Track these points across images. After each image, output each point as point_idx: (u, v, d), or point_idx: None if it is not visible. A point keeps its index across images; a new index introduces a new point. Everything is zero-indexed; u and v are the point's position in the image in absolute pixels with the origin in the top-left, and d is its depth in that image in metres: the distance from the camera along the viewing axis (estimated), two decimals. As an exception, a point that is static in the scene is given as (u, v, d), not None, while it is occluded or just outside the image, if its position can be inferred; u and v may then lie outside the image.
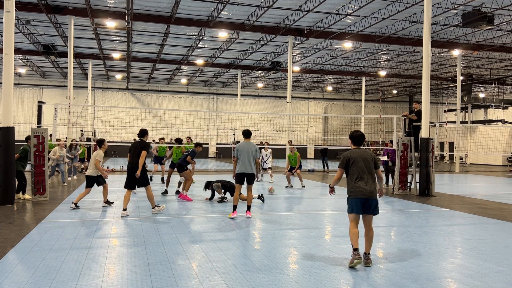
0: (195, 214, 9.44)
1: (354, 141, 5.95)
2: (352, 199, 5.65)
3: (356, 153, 5.81)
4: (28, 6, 19.69)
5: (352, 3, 19.35)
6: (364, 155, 5.79)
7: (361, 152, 5.82)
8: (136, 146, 9.14)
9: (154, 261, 5.71)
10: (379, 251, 6.48)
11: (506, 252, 6.49)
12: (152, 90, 42.86)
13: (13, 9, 10.90)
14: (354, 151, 5.86)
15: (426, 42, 13.99)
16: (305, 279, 5.07)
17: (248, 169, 8.99)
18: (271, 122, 41.76)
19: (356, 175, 5.66)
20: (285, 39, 24.89)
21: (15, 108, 36.76)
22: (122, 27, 22.07)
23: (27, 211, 9.57)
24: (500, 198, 13.42)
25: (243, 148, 9.07)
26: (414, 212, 10.34)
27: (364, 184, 5.61)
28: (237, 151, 9.13)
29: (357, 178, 5.66)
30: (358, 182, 5.63)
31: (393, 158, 15.03)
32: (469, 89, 37.09)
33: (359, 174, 5.65)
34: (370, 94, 47.71)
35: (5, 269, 5.26)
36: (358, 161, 5.71)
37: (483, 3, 18.83)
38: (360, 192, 5.58)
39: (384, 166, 15.90)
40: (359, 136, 5.94)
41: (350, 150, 5.89)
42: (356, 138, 5.94)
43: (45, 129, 11.52)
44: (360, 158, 5.73)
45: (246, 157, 9.02)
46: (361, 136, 5.95)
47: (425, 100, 14.06)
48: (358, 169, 5.68)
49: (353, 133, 5.98)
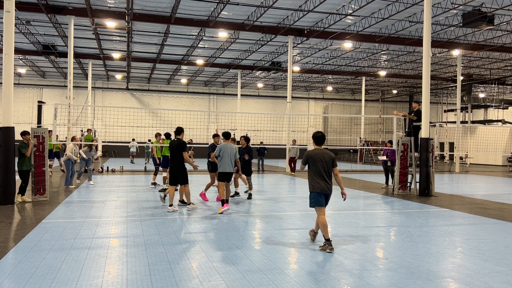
0: (195, 214, 9.44)
1: (316, 142, 6.69)
2: (315, 193, 6.49)
3: (317, 153, 6.55)
4: (28, 6, 19.69)
5: (352, 3, 19.34)
6: (323, 156, 6.53)
7: (321, 152, 6.55)
8: (174, 147, 9.78)
9: (154, 261, 5.71)
10: (379, 251, 6.48)
11: (506, 252, 6.49)
12: (152, 90, 42.85)
13: (13, 9, 10.90)
14: (315, 151, 6.61)
15: (426, 42, 13.99)
16: (305, 279, 5.07)
17: (228, 169, 9.87)
18: (271, 122, 41.76)
19: (317, 174, 6.50)
20: (285, 39, 24.89)
21: (15, 108, 36.75)
22: (122, 27, 22.07)
23: (27, 211, 9.57)
24: (500, 198, 13.42)
25: (225, 149, 9.86)
26: (414, 212, 10.34)
27: (323, 182, 6.47)
28: (219, 151, 9.90)
29: (317, 176, 6.49)
30: (318, 180, 6.48)
31: (392, 158, 15.03)
32: (469, 89, 37.08)
33: (319, 173, 6.48)
34: (370, 94, 47.70)
35: (5, 269, 5.26)
36: (317, 161, 6.49)
37: (483, 3, 18.82)
38: (320, 188, 6.46)
39: (384, 166, 15.90)
40: (320, 137, 6.65)
41: (312, 149, 6.65)
42: (317, 138, 6.66)
43: (45, 129, 11.52)
44: (319, 159, 6.50)
45: (227, 158, 9.83)
46: (322, 137, 6.66)
47: (425, 100, 14.06)
48: (317, 169, 6.50)
49: (315, 134, 6.70)
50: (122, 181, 16.77)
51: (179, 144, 9.78)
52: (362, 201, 12.29)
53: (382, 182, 16.93)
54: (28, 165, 10.94)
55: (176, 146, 9.75)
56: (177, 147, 9.74)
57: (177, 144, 9.77)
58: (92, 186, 14.70)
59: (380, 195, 13.60)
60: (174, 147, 9.81)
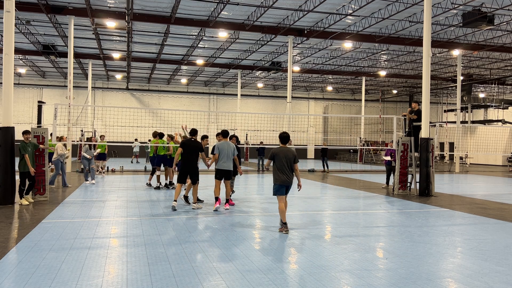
0: (195, 214, 9.44)
1: (281, 141, 7.90)
2: (278, 185, 7.68)
3: (282, 151, 7.72)
4: (28, 6, 19.68)
5: (352, 3, 19.34)
6: (287, 153, 7.72)
7: (285, 150, 7.75)
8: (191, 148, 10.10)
9: (154, 261, 5.71)
10: (379, 251, 6.48)
11: (506, 252, 6.49)
12: (152, 90, 42.84)
13: (13, 9, 10.90)
14: (280, 148, 7.78)
15: (426, 42, 13.99)
16: (305, 279, 5.07)
17: (228, 167, 9.94)
18: (271, 122, 41.75)
19: (280, 168, 7.64)
20: (285, 39, 24.88)
21: (15, 108, 36.74)
22: (122, 27, 22.07)
23: (27, 211, 9.57)
24: (500, 198, 13.42)
25: (223, 147, 9.91)
26: (414, 212, 10.34)
27: (284, 175, 7.63)
28: (217, 149, 9.93)
29: (280, 170, 7.64)
30: (280, 173, 7.64)
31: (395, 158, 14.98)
32: (469, 89, 37.07)
33: (281, 168, 7.63)
34: (370, 94, 47.69)
35: (5, 269, 5.26)
36: (281, 158, 7.66)
37: (483, 3, 18.82)
38: (281, 180, 7.63)
39: (387, 166, 15.84)
40: (285, 137, 7.86)
41: (278, 147, 7.84)
42: (282, 138, 7.87)
43: (45, 129, 11.53)
44: (283, 155, 7.67)
45: (226, 156, 9.89)
46: (286, 137, 7.87)
47: (425, 100, 14.06)
48: (281, 164, 7.64)
49: (281, 134, 7.95)
50: (122, 181, 16.76)
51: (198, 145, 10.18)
52: (362, 201, 12.29)
53: (382, 182, 16.93)
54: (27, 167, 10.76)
55: (194, 147, 10.10)
56: (195, 148, 10.10)
57: (195, 146, 10.13)
58: (92, 186, 14.70)
59: (380, 195, 13.60)
60: (192, 147, 10.09)
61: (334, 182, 18.12)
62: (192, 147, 10.07)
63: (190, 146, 10.07)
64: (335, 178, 20.28)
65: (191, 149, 10.06)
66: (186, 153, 10.06)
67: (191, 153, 10.06)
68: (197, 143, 10.17)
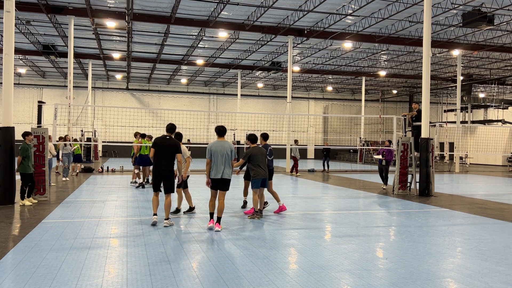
0: (195, 214, 9.44)
1: (251, 141, 8.95)
2: (259, 179, 8.75)
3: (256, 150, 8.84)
4: (28, 6, 19.68)
5: (352, 3, 19.34)
6: (261, 151, 8.92)
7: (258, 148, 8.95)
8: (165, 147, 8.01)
9: (154, 261, 5.71)
10: (379, 251, 6.48)
11: (506, 252, 6.49)
12: (152, 90, 42.83)
13: (13, 9, 10.90)
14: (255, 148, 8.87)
15: (426, 42, 13.99)
16: (305, 279, 5.07)
17: (220, 174, 7.71)
18: (271, 122, 41.74)
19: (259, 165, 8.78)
20: (285, 39, 24.88)
21: (15, 108, 36.74)
22: (122, 27, 22.07)
23: (27, 211, 9.57)
24: (500, 198, 13.42)
25: (216, 148, 7.78)
26: (414, 212, 10.34)
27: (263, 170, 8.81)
28: (209, 151, 7.81)
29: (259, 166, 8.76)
30: (260, 169, 8.75)
31: (388, 157, 14.92)
32: (469, 89, 37.07)
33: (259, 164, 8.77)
34: (370, 94, 47.69)
35: (5, 269, 5.26)
36: (258, 156, 8.77)
37: (483, 3, 18.82)
38: (261, 175, 8.78)
39: (379, 166, 15.66)
40: (254, 138, 8.99)
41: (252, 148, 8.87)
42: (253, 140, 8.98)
43: (45, 129, 11.52)
44: (259, 153, 8.82)
45: (220, 159, 7.74)
46: (255, 138, 8.98)
47: (425, 100, 14.06)
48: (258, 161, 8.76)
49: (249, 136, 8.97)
50: (122, 181, 16.76)
51: (174, 144, 8.09)
52: (362, 201, 12.29)
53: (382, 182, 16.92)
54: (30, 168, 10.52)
55: (169, 147, 8.01)
56: (170, 149, 8.01)
57: (170, 145, 8.04)
58: (93, 186, 14.70)
59: (380, 195, 13.60)
60: (165, 148, 8.01)
61: (334, 182, 18.12)
62: (166, 147, 8.01)
63: (163, 146, 8.01)
64: (335, 178, 20.28)
65: (165, 150, 8.00)
66: (159, 155, 8.01)
67: (165, 155, 7.99)
68: (172, 141, 8.10)
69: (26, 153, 10.40)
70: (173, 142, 8.11)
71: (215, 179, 7.79)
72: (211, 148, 7.83)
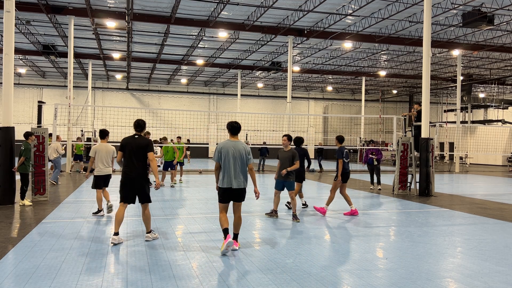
0: (195, 214, 9.44)
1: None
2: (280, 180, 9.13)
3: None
4: (28, 6, 19.68)
5: (352, 3, 19.34)
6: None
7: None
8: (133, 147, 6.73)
9: (154, 261, 5.71)
10: (379, 251, 6.48)
11: (506, 252, 6.49)
12: (152, 90, 42.83)
13: (13, 9, 10.90)
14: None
15: (426, 42, 13.99)
16: (305, 279, 5.07)
17: (234, 183, 6.18)
18: (271, 122, 41.74)
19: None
20: (285, 39, 24.87)
21: (15, 108, 36.73)
22: (122, 27, 22.06)
23: (27, 211, 9.57)
24: (500, 198, 13.42)
25: (227, 149, 6.24)
26: (414, 212, 10.34)
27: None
28: (218, 154, 6.28)
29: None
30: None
31: (379, 156, 14.81)
32: (469, 89, 37.07)
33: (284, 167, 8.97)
34: (370, 94, 47.69)
35: (5, 269, 5.26)
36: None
37: (483, 3, 18.82)
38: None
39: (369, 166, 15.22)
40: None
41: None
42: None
43: (45, 129, 11.53)
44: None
45: (232, 163, 6.19)
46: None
47: (425, 100, 14.06)
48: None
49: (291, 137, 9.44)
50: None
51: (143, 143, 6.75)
52: (362, 201, 12.29)
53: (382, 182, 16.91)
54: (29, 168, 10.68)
55: (138, 147, 6.69)
56: (139, 149, 6.68)
57: (139, 145, 6.70)
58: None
59: (380, 195, 13.59)
60: (134, 148, 6.66)
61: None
62: (135, 148, 6.67)
63: (131, 147, 6.68)
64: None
65: (135, 152, 6.66)
66: (128, 159, 6.67)
67: (136, 158, 6.65)
68: (142, 140, 6.77)
69: (29, 154, 10.52)
70: (143, 141, 6.76)
71: (226, 189, 6.20)
72: (221, 149, 6.25)
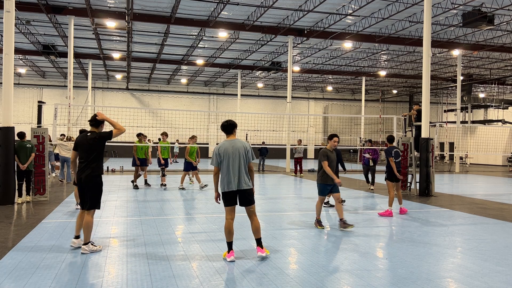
0: (196, 214, 9.44)
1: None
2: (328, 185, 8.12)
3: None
4: (28, 6, 19.68)
5: (352, 3, 19.34)
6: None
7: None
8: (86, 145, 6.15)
9: (154, 261, 5.71)
10: (379, 251, 6.48)
11: (506, 252, 6.49)
12: (152, 90, 42.83)
13: (13, 9, 10.91)
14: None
15: (426, 42, 13.99)
16: (305, 279, 5.07)
17: (236, 184, 5.72)
18: (271, 122, 41.76)
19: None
20: (285, 39, 24.88)
21: (15, 108, 36.72)
22: (122, 27, 22.06)
23: (27, 211, 9.57)
24: (500, 198, 13.42)
25: (225, 150, 5.79)
26: (414, 212, 10.34)
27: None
28: (217, 157, 5.82)
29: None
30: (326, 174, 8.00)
31: (375, 156, 14.87)
32: (469, 89, 37.07)
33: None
34: (370, 94, 47.69)
35: (5, 269, 5.26)
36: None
37: (483, 3, 18.82)
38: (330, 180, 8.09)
39: (365, 166, 15.41)
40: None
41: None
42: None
43: (45, 129, 11.54)
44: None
45: (232, 164, 5.74)
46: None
47: (425, 100, 14.06)
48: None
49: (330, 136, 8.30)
50: (122, 181, 16.76)
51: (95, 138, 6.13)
52: (362, 201, 12.29)
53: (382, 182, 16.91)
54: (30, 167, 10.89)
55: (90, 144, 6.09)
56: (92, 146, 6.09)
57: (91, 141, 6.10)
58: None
59: (380, 195, 13.59)
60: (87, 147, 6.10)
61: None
62: (88, 147, 6.10)
63: (85, 146, 6.12)
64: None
65: (87, 150, 6.11)
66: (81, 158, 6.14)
67: (88, 157, 6.10)
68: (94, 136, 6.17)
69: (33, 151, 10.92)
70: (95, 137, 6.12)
71: (229, 193, 5.74)
72: (219, 151, 5.80)
